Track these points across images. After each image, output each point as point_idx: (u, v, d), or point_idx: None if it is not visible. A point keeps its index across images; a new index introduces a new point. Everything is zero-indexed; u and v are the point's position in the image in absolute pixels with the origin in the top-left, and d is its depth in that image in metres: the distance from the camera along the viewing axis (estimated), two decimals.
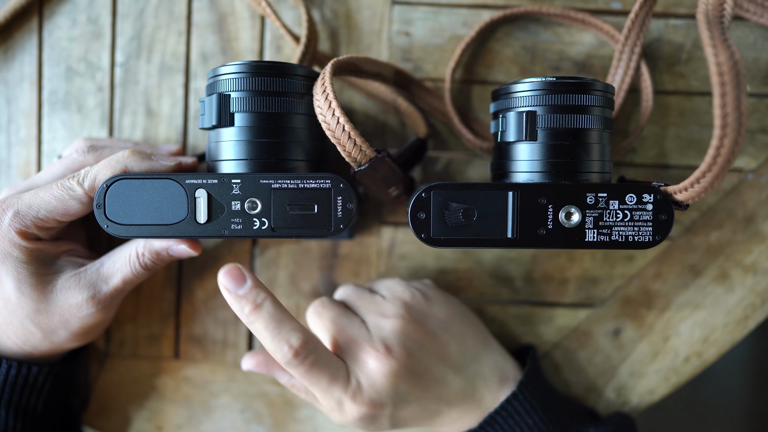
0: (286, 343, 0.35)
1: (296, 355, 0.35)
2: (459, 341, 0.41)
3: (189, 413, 0.49)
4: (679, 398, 1.06)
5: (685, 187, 0.34)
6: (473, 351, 0.42)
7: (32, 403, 0.42)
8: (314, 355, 0.36)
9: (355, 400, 0.37)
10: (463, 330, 0.42)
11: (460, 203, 0.36)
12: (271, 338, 0.35)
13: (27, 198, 0.37)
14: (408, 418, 0.40)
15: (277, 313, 0.35)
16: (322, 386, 0.37)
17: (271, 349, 0.36)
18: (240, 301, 0.35)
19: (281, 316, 0.35)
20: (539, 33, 0.46)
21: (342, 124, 0.35)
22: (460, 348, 0.41)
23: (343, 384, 0.37)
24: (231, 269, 0.35)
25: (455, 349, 0.41)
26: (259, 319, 0.35)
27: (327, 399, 0.37)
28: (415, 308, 0.41)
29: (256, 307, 0.35)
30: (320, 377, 0.36)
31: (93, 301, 0.39)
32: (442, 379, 0.40)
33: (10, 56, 0.48)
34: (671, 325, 0.48)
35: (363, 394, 0.37)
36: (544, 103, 0.36)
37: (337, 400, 0.37)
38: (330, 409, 0.38)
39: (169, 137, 0.47)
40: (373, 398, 0.38)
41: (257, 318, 0.35)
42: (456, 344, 0.41)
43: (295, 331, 0.35)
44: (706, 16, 0.32)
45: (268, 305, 0.35)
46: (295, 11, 0.47)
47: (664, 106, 0.46)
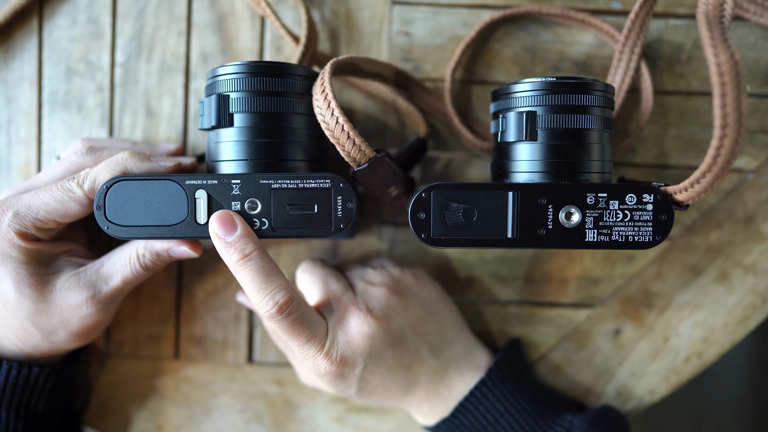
0: (271, 299, 0.35)
1: (279, 311, 0.35)
2: (437, 323, 0.42)
3: (189, 413, 0.49)
4: (679, 398, 1.06)
5: (685, 187, 0.34)
6: (449, 336, 0.43)
7: (33, 403, 0.42)
8: (297, 313, 0.36)
9: (328, 357, 0.38)
10: (442, 314, 0.43)
11: (460, 203, 0.36)
12: (257, 291, 0.35)
13: (27, 199, 0.37)
14: (377, 385, 0.40)
15: (265, 266, 0.35)
16: (301, 342, 0.37)
17: (255, 302, 0.35)
18: (228, 249, 0.35)
19: (269, 270, 0.35)
20: (539, 33, 0.46)
21: (341, 124, 0.35)
22: (438, 330, 0.42)
23: (320, 341, 0.37)
24: (222, 215, 0.35)
25: (433, 329, 0.42)
26: (245, 270, 0.35)
27: (302, 353, 0.38)
28: (401, 282, 0.42)
29: (244, 257, 0.35)
30: (300, 334, 0.36)
31: (93, 301, 0.39)
32: (417, 353, 0.40)
33: (10, 56, 0.48)
34: (671, 325, 0.48)
35: (337, 350, 0.38)
36: (544, 103, 0.36)
37: (312, 356, 0.38)
38: (303, 362, 0.39)
39: (169, 137, 0.47)
40: (346, 355, 0.38)
41: (244, 268, 0.35)
42: (434, 325, 0.42)
43: (281, 288, 0.35)
44: (706, 16, 0.32)
45: (256, 257, 0.35)
46: (295, 11, 0.47)
47: (664, 106, 0.46)
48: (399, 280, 0.42)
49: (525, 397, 0.43)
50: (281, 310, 0.35)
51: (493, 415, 0.42)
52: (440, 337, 0.42)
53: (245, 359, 0.49)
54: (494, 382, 0.42)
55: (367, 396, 0.41)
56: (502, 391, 0.42)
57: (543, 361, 0.48)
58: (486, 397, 0.42)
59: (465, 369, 0.43)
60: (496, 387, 0.42)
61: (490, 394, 0.42)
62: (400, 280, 0.42)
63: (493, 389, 0.42)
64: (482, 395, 0.42)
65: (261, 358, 0.49)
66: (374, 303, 0.39)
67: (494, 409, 0.42)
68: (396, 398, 0.42)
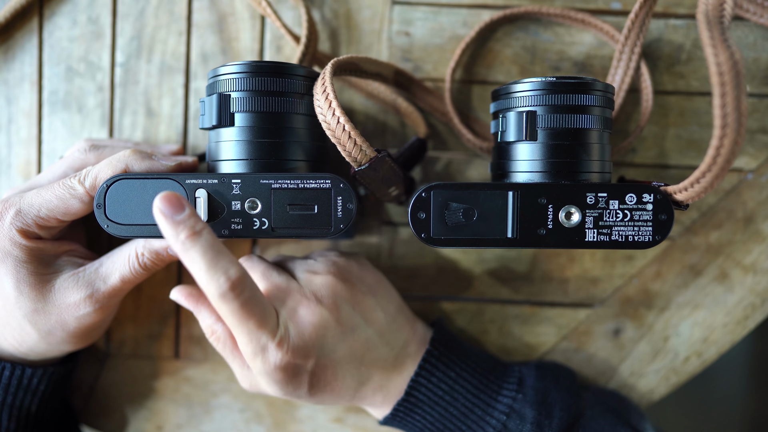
0: (223, 274, 0.32)
1: (233, 287, 0.33)
2: (384, 308, 0.41)
3: (189, 413, 0.49)
4: (679, 398, 1.06)
5: (685, 187, 0.34)
6: (397, 320, 0.42)
7: (26, 404, 0.42)
8: (250, 292, 0.34)
9: (281, 347, 0.36)
10: (387, 298, 0.42)
11: (460, 203, 0.36)
12: (207, 267, 0.32)
13: (29, 197, 0.37)
14: (329, 382, 0.39)
15: (215, 243, 0.33)
16: (251, 328, 0.35)
17: (206, 279, 0.33)
18: (177, 227, 0.32)
19: (220, 247, 0.33)
20: (539, 33, 0.46)
21: (342, 124, 0.35)
22: (385, 315, 0.41)
23: (272, 329, 0.36)
24: (169, 195, 0.32)
25: (381, 315, 0.41)
26: (195, 246, 0.32)
27: (251, 343, 0.36)
28: (345, 269, 0.41)
29: (193, 233, 0.32)
30: (251, 317, 0.34)
31: (90, 300, 0.38)
32: (368, 342, 0.40)
33: (10, 56, 0.48)
34: (671, 324, 0.48)
35: (289, 340, 0.36)
36: (544, 103, 0.36)
37: (262, 346, 0.36)
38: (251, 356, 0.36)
39: (169, 137, 0.47)
40: (299, 346, 0.37)
41: (194, 245, 0.32)
42: (381, 311, 0.41)
43: (234, 264, 0.33)
44: (706, 16, 0.32)
45: (206, 234, 0.32)
46: (295, 11, 0.47)
47: (664, 106, 0.46)
48: (343, 267, 0.41)
49: (472, 357, 0.43)
50: (235, 287, 0.33)
51: (447, 382, 0.41)
52: (388, 322, 0.41)
53: None
54: (440, 351, 0.42)
55: (318, 395, 0.39)
56: (449, 356, 0.42)
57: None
58: (436, 366, 0.41)
59: (412, 350, 0.42)
60: (443, 354, 0.41)
61: (439, 362, 0.41)
62: (344, 267, 0.41)
63: (440, 357, 0.41)
64: (432, 366, 0.41)
65: None
66: (322, 291, 0.38)
67: (447, 377, 0.41)
68: (348, 394, 0.40)
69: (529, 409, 0.41)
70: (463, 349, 0.43)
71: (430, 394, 0.41)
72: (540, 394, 0.42)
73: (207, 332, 0.39)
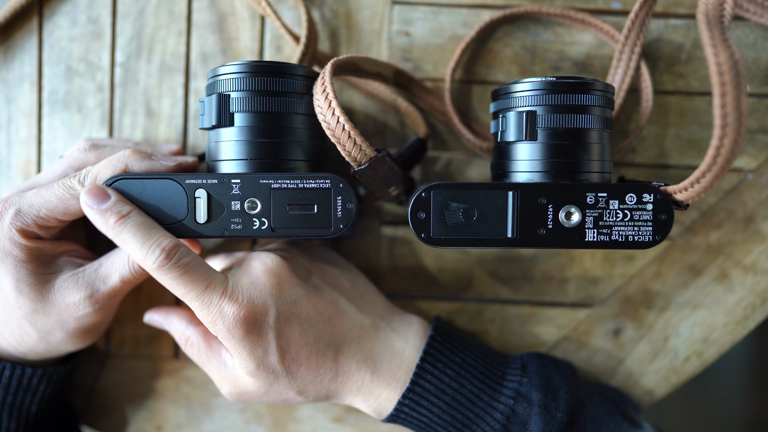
0: (157, 246, 0.33)
1: (168, 256, 0.33)
2: (351, 281, 0.41)
3: (189, 413, 0.49)
4: (679, 398, 1.06)
5: (685, 186, 0.34)
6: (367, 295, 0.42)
7: (26, 404, 0.42)
8: (188, 258, 0.34)
9: (233, 299, 0.35)
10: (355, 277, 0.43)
11: (460, 203, 0.36)
12: (140, 244, 0.33)
13: (29, 197, 0.37)
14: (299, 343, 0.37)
15: (145, 221, 0.34)
16: (198, 292, 0.35)
17: (141, 256, 0.33)
18: (104, 214, 0.33)
19: (150, 224, 0.34)
20: (539, 33, 0.46)
21: (342, 124, 0.35)
22: (353, 287, 0.41)
23: (220, 286, 0.35)
24: (92, 188, 0.34)
25: (347, 284, 0.40)
26: (126, 228, 0.33)
27: (205, 307, 0.35)
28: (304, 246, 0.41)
29: (121, 217, 0.33)
30: (195, 281, 0.34)
31: (90, 301, 0.38)
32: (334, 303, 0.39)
33: (10, 56, 0.48)
34: (671, 324, 0.48)
35: (243, 292, 0.36)
36: (544, 103, 0.36)
37: (217, 306, 0.35)
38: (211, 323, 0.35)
39: (169, 137, 0.47)
40: (253, 296, 0.36)
41: (124, 227, 0.33)
42: (348, 281, 0.41)
43: (165, 236, 0.34)
44: (706, 16, 0.32)
45: (135, 215, 0.34)
46: (295, 11, 0.47)
47: (664, 106, 0.46)
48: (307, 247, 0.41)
49: (473, 345, 0.42)
50: (169, 255, 0.33)
51: (453, 368, 0.40)
52: (357, 294, 0.40)
53: None
54: (443, 336, 0.41)
55: (292, 361, 0.37)
56: (453, 343, 0.41)
57: None
58: (441, 352, 0.40)
59: (404, 332, 0.41)
60: (446, 340, 0.41)
61: (443, 348, 0.40)
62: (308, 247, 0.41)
63: (444, 343, 0.41)
64: (437, 351, 0.40)
65: None
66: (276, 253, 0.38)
67: (452, 362, 0.40)
68: (327, 361, 0.38)
69: (535, 392, 0.40)
70: (464, 338, 0.43)
71: (436, 381, 0.40)
72: (544, 378, 0.41)
73: (181, 342, 0.40)
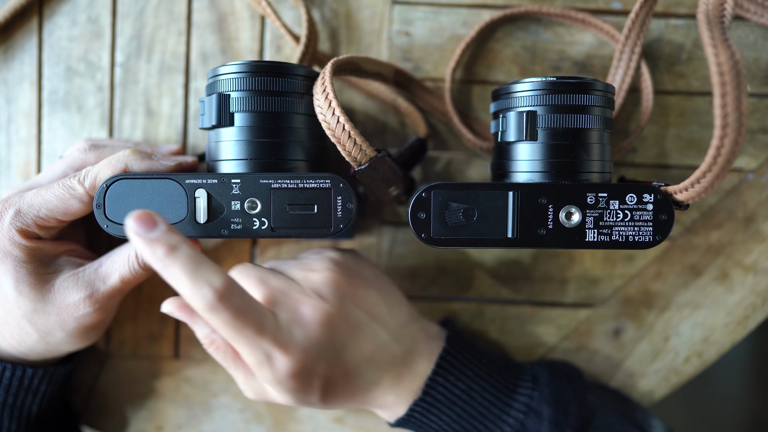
0: (207, 285, 0.30)
1: (220, 298, 0.31)
2: (386, 302, 0.40)
3: (189, 413, 0.49)
4: (679, 398, 1.06)
5: (686, 187, 0.34)
6: (401, 315, 0.41)
7: (27, 405, 0.42)
8: (239, 299, 0.32)
9: (286, 350, 0.34)
10: (388, 292, 0.41)
11: (460, 203, 0.36)
12: (190, 281, 0.30)
13: (29, 197, 0.37)
14: (341, 385, 0.37)
15: (195, 255, 0.31)
16: (248, 336, 0.33)
17: (190, 294, 0.31)
18: (152, 244, 0.30)
19: (200, 258, 0.31)
20: (539, 33, 0.46)
21: (342, 124, 0.35)
22: (389, 309, 0.40)
23: (272, 333, 0.33)
24: (141, 214, 0.30)
25: (385, 310, 0.39)
26: (175, 262, 0.30)
27: (254, 353, 0.34)
28: (343, 264, 0.39)
29: (171, 249, 0.30)
30: (246, 325, 0.32)
31: (90, 300, 0.38)
32: (375, 338, 0.38)
33: (10, 56, 0.48)
34: (671, 325, 0.48)
35: (295, 342, 0.34)
36: (545, 103, 0.36)
37: (265, 353, 0.34)
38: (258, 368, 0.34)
39: (169, 137, 0.47)
40: (306, 348, 0.34)
41: (173, 261, 0.30)
42: (384, 305, 0.40)
43: (218, 273, 0.31)
44: (707, 16, 0.32)
45: (185, 247, 0.30)
46: (295, 11, 0.47)
47: (665, 106, 0.46)
48: (340, 263, 0.39)
49: (485, 356, 0.42)
50: (222, 297, 0.31)
51: (464, 381, 0.40)
52: (391, 316, 0.40)
53: None
54: (456, 349, 0.40)
55: (330, 400, 0.37)
56: (464, 355, 0.40)
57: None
58: (452, 364, 0.40)
59: (422, 346, 0.40)
60: (459, 353, 0.40)
61: (455, 361, 0.40)
62: (341, 263, 0.39)
63: (456, 355, 0.40)
64: (449, 364, 0.40)
65: None
66: (323, 288, 0.37)
67: (464, 375, 0.40)
68: (360, 396, 0.38)
69: (545, 407, 0.40)
70: (477, 348, 0.42)
71: (447, 393, 0.39)
72: (555, 392, 0.41)
73: (205, 342, 0.38)
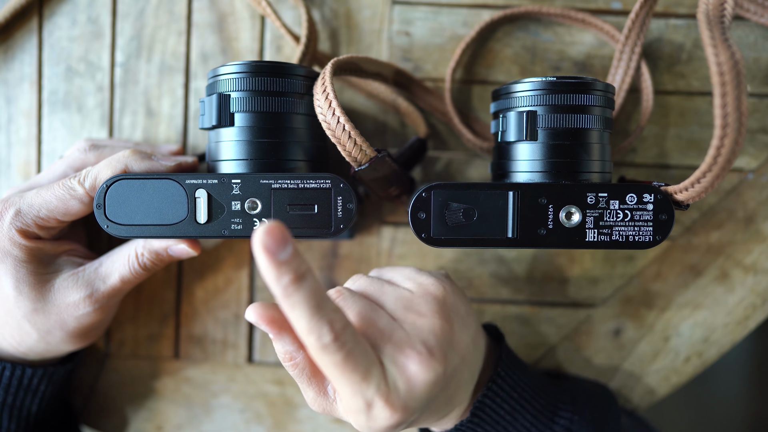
0: (327, 324, 0.29)
1: (336, 339, 0.29)
2: (474, 341, 0.39)
3: (189, 413, 0.49)
4: (679, 398, 1.06)
5: (686, 187, 0.34)
6: (480, 350, 0.40)
7: (27, 404, 0.42)
8: (353, 343, 0.30)
9: (390, 404, 0.32)
10: (475, 327, 0.39)
11: (460, 203, 0.36)
12: (310, 317, 0.29)
13: (29, 197, 0.37)
14: (418, 421, 0.37)
15: (319, 288, 0.29)
16: (354, 381, 0.31)
17: (307, 329, 0.29)
18: (281, 269, 0.27)
19: (323, 293, 0.29)
20: (539, 33, 0.46)
21: (342, 124, 0.35)
22: (475, 348, 0.39)
23: (377, 383, 0.32)
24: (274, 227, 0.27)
25: (472, 349, 0.38)
26: (299, 293, 0.28)
27: (356, 398, 0.32)
28: (446, 305, 0.36)
29: (298, 278, 0.28)
30: (354, 371, 0.31)
31: (90, 300, 0.38)
32: (459, 379, 0.37)
33: (10, 56, 0.48)
34: (671, 325, 0.48)
35: (399, 398, 0.33)
36: (545, 103, 0.36)
37: (367, 401, 0.32)
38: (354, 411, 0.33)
39: (169, 137, 0.47)
40: (408, 404, 0.33)
41: (297, 291, 0.28)
42: (473, 344, 0.38)
43: (338, 312, 0.30)
44: (707, 16, 0.32)
45: (311, 278, 0.28)
46: (295, 11, 0.47)
47: (665, 106, 0.46)
48: (444, 303, 0.36)
49: (529, 376, 0.41)
50: (338, 338, 0.29)
51: (510, 403, 0.39)
52: (476, 355, 0.39)
53: (245, 359, 0.49)
54: (506, 372, 0.40)
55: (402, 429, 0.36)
56: (513, 378, 0.40)
57: (543, 361, 0.48)
58: (501, 387, 0.39)
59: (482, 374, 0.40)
60: (509, 376, 0.40)
61: (504, 383, 0.39)
62: (444, 303, 0.36)
63: (506, 378, 0.39)
64: (498, 387, 0.39)
65: (261, 358, 0.49)
66: (431, 341, 0.34)
67: (510, 397, 0.39)
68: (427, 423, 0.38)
69: (585, 430, 0.40)
70: (523, 368, 0.41)
71: (492, 413, 0.39)
72: (594, 415, 0.41)
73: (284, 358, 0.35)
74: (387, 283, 0.38)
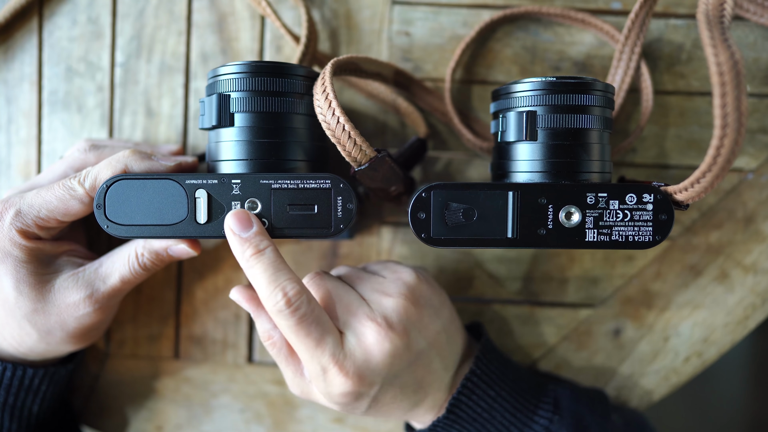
0: (281, 290, 0.34)
1: (289, 303, 0.34)
2: (447, 331, 0.40)
3: (189, 413, 0.49)
4: (679, 398, 1.06)
5: (686, 187, 0.34)
6: (456, 343, 0.41)
7: (27, 405, 0.42)
8: (306, 308, 0.34)
9: (343, 371, 0.35)
10: (450, 319, 0.41)
11: (460, 203, 0.36)
12: (267, 284, 0.34)
13: (29, 197, 0.37)
14: (386, 404, 0.38)
15: (277, 261, 0.35)
16: (309, 345, 0.35)
17: (265, 296, 0.34)
18: (243, 244, 0.35)
19: (281, 265, 0.35)
20: (539, 33, 0.46)
21: (342, 124, 0.35)
22: (448, 338, 0.40)
23: (332, 349, 0.35)
24: (239, 212, 0.35)
25: (444, 338, 0.40)
26: (258, 264, 0.35)
27: (313, 362, 0.35)
28: (416, 290, 0.39)
29: (257, 252, 0.35)
30: (309, 334, 0.35)
31: (90, 300, 0.39)
32: (429, 365, 0.39)
33: (10, 56, 0.48)
34: (671, 325, 0.48)
35: (353, 365, 0.35)
36: (545, 103, 0.36)
37: (322, 366, 0.35)
38: (314, 377, 0.36)
39: (169, 137, 0.47)
40: (364, 373, 0.36)
41: (257, 262, 0.35)
42: (445, 333, 0.40)
43: (292, 281, 0.35)
44: (707, 16, 0.32)
45: (269, 252, 0.35)
46: (295, 11, 0.47)
47: (664, 106, 0.46)
48: (414, 289, 0.39)
49: (510, 375, 0.42)
50: (290, 303, 0.34)
51: (486, 401, 0.40)
52: (451, 346, 0.40)
53: (245, 359, 0.49)
54: (482, 370, 0.41)
55: (373, 414, 0.39)
56: (490, 376, 0.41)
57: (543, 361, 0.48)
58: (477, 385, 0.40)
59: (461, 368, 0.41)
60: (485, 374, 0.41)
61: (480, 381, 0.40)
62: (415, 289, 0.39)
63: (482, 376, 0.40)
64: (473, 384, 0.40)
65: (261, 358, 0.49)
66: (393, 317, 0.37)
67: (486, 395, 0.40)
68: (400, 414, 0.40)
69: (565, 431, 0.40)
70: (503, 366, 0.42)
71: (469, 411, 0.40)
72: (576, 417, 0.41)
73: (263, 336, 0.39)
74: (365, 271, 0.41)
